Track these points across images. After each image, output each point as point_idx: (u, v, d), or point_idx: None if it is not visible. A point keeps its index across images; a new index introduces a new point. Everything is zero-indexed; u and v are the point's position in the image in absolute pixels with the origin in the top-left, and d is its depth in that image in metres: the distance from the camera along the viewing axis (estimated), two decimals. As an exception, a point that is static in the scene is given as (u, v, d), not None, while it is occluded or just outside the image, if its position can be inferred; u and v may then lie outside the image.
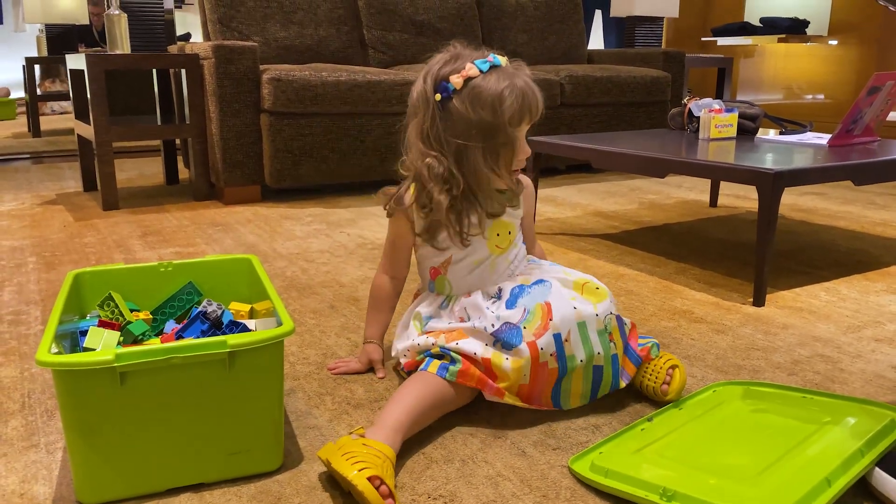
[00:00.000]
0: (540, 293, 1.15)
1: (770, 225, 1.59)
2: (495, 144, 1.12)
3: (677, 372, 1.17)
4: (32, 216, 2.60)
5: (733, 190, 3.04)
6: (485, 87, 1.10)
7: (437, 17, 3.56)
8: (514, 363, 1.09)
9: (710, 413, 1.12)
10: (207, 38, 3.09)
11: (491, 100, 1.09)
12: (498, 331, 1.11)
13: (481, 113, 1.10)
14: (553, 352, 1.10)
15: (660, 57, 3.72)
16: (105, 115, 2.60)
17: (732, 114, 2.21)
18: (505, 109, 1.10)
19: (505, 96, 1.10)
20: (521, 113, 1.11)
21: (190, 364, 0.91)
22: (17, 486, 0.97)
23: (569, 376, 1.13)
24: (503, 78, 1.11)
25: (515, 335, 1.10)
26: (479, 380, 1.10)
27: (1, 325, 1.55)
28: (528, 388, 1.11)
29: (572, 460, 1.01)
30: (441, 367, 1.10)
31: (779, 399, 1.15)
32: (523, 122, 1.13)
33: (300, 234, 2.32)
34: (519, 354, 1.09)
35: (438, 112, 1.12)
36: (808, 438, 1.00)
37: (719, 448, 1.02)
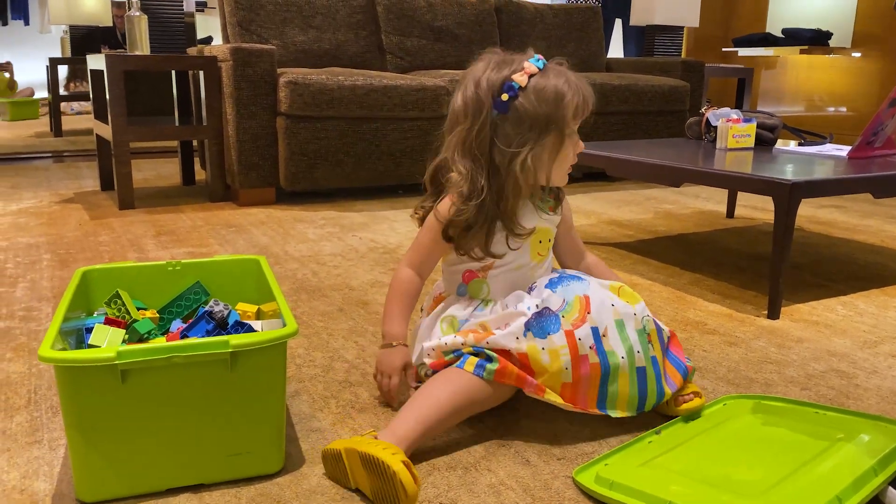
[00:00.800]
0: (579, 287, 1.13)
1: (786, 236, 1.56)
2: (559, 138, 1.12)
3: (698, 399, 1.15)
4: (50, 214, 2.62)
5: (751, 201, 3.01)
6: (546, 83, 1.10)
7: (455, 23, 3.56)
8: (552, 354, 1.06)
9: (719, 426, 1.10)
10: (227, 41, 3.10)
11: (554, 94, 1.10)
12: (537, 314, 1.08)
13: (545, 107, 1.09)
14: (592, 344, 1.07)
15: (679, 66, 3.70)
16: (123, 115, 2.62)
17: (750, 124, 2.18)
18: (567, 103, 1.10)
19: (565, 90, 1.11)
20: (581, 107, 1.12)
21: (191, 363, 0.90)
22: (18, 481, 0.97)
23: (613, 376, 1.07)
24: (558, 74, 1.12)
25: (553, 322, 1.07)
26: (518, 377, 1.07)
27: (12, 320, 1.56)
28: (572, 387, 1.06)
29: (577, 471, 0.99)
30: (478, 364, 1.07)
31: (790, 414, 1.13)
32: (582, 114, 1.14)
33: (313, 237, 2.32)
34: (554, 343, 1.06)
35: (493, 117, 1.09)
36: (819, 455, 0.98)
37: (728, 462, 1.00)
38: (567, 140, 1.13)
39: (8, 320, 1.56)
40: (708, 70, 4.10)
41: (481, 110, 1.10)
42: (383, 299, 1.70)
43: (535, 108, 1.09)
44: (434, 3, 3.55)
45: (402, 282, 1.21)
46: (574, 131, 1.15)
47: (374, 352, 1.40)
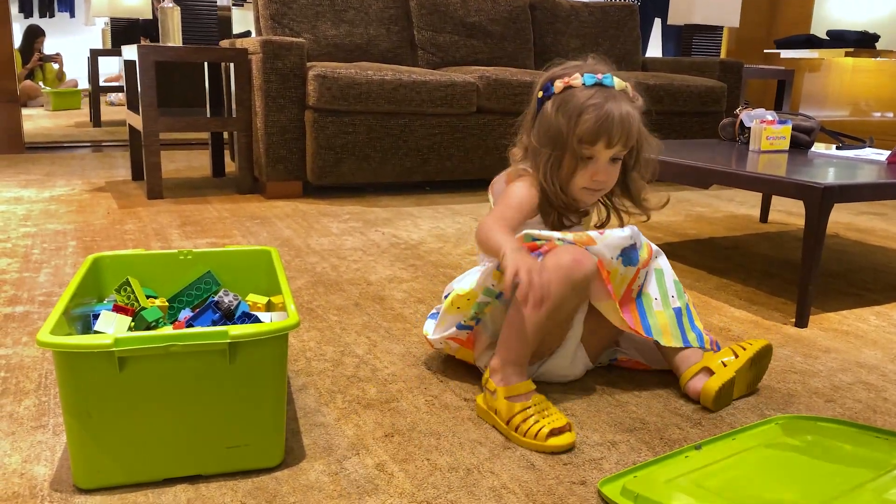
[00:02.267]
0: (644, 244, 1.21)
1: (817, 242, 1.50)
2: (561, 155, 1.13)
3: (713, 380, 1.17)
4: (80, 202, 2.66)
5: (786, 206, 2.93)
6: (575, 98, 1.11)
7: (488, 19, 3.53)
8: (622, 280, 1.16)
9: (765, 446, 1.04)
10: (259, 34, 3.12)
11: (573, 109, 1.10)
12: (632, 246, 1.15)
13: (561, 119, 1.11)
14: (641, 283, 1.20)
15: (716, 66, 3.61)
16: (154, 105, 2.64)
17: (786, 126, 2.11)
18: (580, 123, 1.10)
19: (586, 111, 1.10)
20: (595, 132, 1.10)
21: (190, 353, 0.89)
22: (19, 465, 0.97)
23: (650, 311, 1.18)
24: (599, 96, 1.10)
25: (636, 258, 1.17)
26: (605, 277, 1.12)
27: (32, 305, 1.57)
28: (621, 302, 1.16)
29: (603, 482, 0.95)
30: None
31: (850, 438, 1.06)
32: (598, 142, 1.11)
33: (336, 231, 2.31)
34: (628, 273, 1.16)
35: (535, 110, 1.18)
36: (872, 481, 0.92)
37: (767, 483, 0.94)
38: (571, 161, 1.14)
39: (28, 305, 1.57)
40: (746, 71, 4.00)
41: (531, 102, 1.19)
42: (400, 295, 1.69)
43: (551, 117, 1.12)
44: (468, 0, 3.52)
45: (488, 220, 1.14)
46: (586, 155, 1.13)
47: (386, 347, 1.39)
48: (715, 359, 1.18)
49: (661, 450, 1.05)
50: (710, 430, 1.11)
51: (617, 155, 1.15)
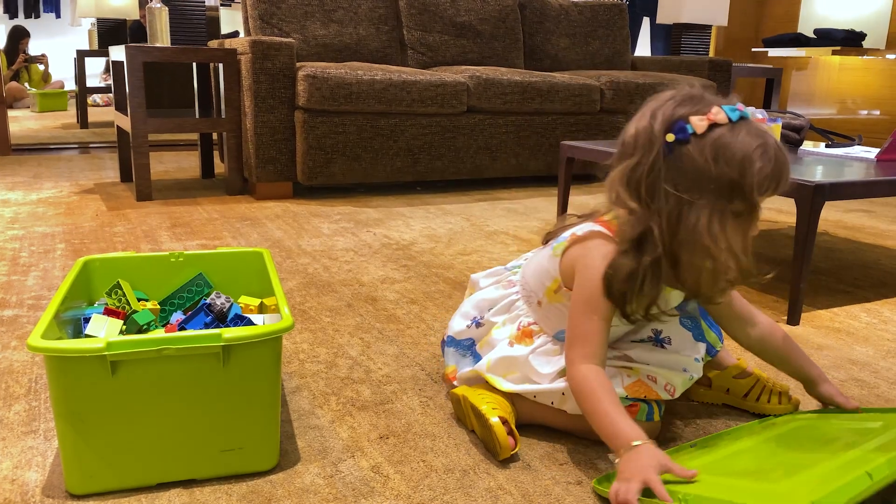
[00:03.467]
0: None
1: (808, 239, 1.51)
2: (730, 209, 0.91)
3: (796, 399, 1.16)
4: (68, 204, 2.64)
5: (776, 203, 2.94)
6: (734, 141, 0.90)
7: (478, 18, 3.53)
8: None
9: (759, 435, 1.04)
10: (248, 35, 3.10)
11: (741, 157, 0.89)
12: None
13: (725, 169, 0.89)
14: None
15: (705, 65, 3.63)
16: (142, 106, 2.62)
17: (776, 124, 2.12)
18: (755, 172, 0.89)
19: (756, 157, 0.89)
20: (772, 180, 0.90)
21: (183, 356, 0.88)
22: (10, 471, 0.96)
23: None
24: (755, 135, 0.91)
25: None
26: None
27: (21, 308, 1.56)
28: None
29: (598, 481, 0.95)
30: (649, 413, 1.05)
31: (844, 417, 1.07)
32: (770, 191, 0.92)
33: (327, 232, 2.30)
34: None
35: (664, 157, 0.92)
36: (856, 442, 0.92)
37: (756, 458, 0.95)
38: (741, 218, 0.92)
39: (17, 308, 1.56)
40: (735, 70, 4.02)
41: (653, 145, 0.92)
42: (392, 296, 1.68)
43: (707, 166, 0.90)
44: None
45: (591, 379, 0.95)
46: (757, 208, 0.93)
47: (379, 348, 1.38)
48: None
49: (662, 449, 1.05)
50: (704, 430, 1.11)
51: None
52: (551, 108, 3.13)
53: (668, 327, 1.08)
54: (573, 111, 3.19)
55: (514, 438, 1.01)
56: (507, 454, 1.00)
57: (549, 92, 3.09)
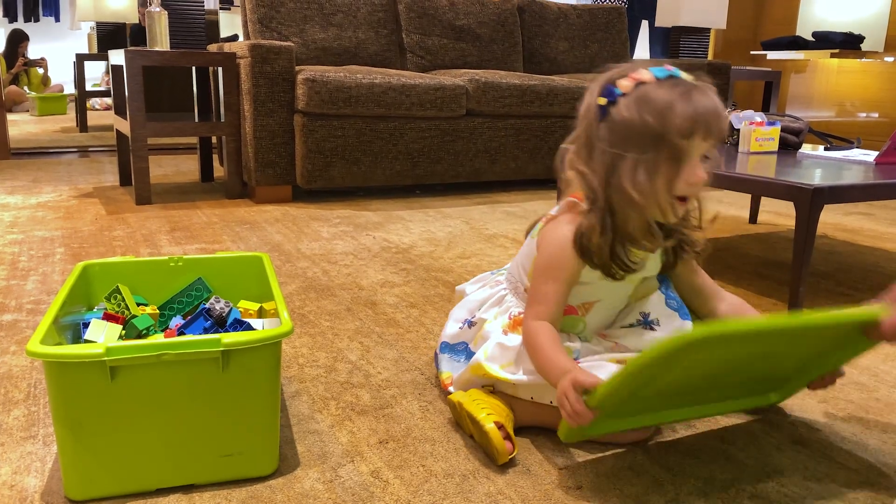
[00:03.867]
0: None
1: (808, 243, 1.51)
2: (657, 158, 0.96)
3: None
4: (67, 208, 2.64)
5: (775, 207, 2.94)
6: (655, 92, 0.95)
7: (477, 22, 3.53)
8: None
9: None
10: (248, 38, 3.11)
11: (661, 105, 0.94)
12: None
13: (647, 118, 0.94)
14: None
15: (704, 68, 3.63)
16: (142, 110, 2.63)
17: (774, 127, 2.12)
18: (675, 116, 0.93)
19: (676, 103, 0.93)
20: (693, 123, 0.94)
21: (183, 361, 0.88)
22: (9, 476, 0.96)
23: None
24: (679, 86, 0.95)
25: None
26: None
27: (20, 313, 1.55)
28: None
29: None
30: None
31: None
32: (695, 135, 0.94)
33: (326, 236, 2.30)
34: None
35: (599, 120, 1.00)
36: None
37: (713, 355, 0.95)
38: (669, 163, 0.96)
39: (16, 313, 1.55)
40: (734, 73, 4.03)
41: (590, 112, 1.02)
42: (392, 300, 1.68)
43: (631, 117, 0.96)
44: (456, 2, 3.52)
45: (535, 332, 1.03)
46: (685, 152, 0.96)
47: (379, 352, 1.38)
48: None
49: (655, 452, 1.05)
50: (703, 433, 1.11)
51: (708, 153, 0.99)
52: (550, 112, 3.14)
53: (654, 309, 1.11)
54: (572, 114, 3.18)
55: (511, 443, 1.01)
56: (504, 459, 1.00)
57: (547, 95, 3.09)
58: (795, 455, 1.06)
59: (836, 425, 1.15)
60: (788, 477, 1.00)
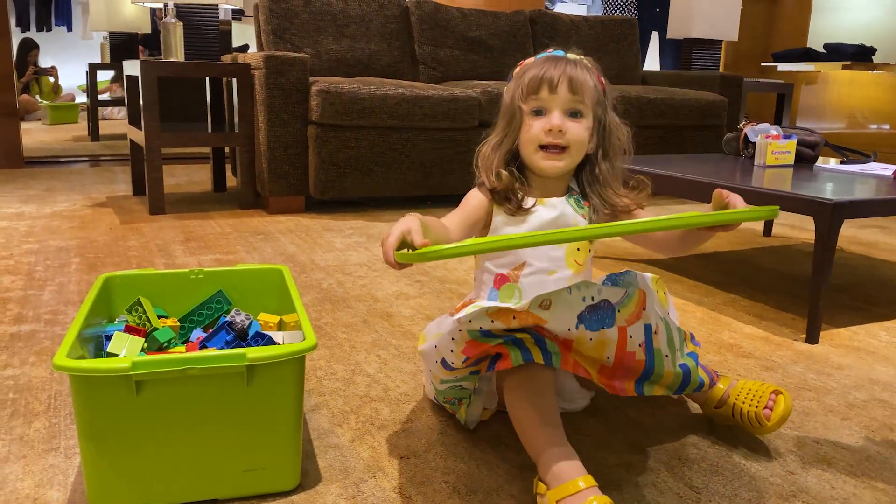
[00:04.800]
0: (639, 280, 1.05)
1: (827, 257, 1.50)
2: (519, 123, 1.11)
3: (781, 398, 1.10)
4: (81, 217, 2.65)
5: (790, 220, 2.93)
6: (525, 67, 1.11)
7: (489, 33, 3.54)
8: (599, 344, 0.97)
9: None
10: (261, 49, 3.12)
11: (520, 74, 1.11)
12: (591, 307, 0.96)
13: (510, 87, 1.13)
14: (642, 342, 0.98)
15: (717, 80, 3.63)
16: (156, 120, 2.64)
17: (791, 140, 2.12)
18: (525, 79, 1.09)
19: (530, 67, 1.10)
20: (538, 80, 1.08)
21: (208, 376, 0.88)
22: (32, 490, 0.95)
23: (658, 374, 1.01)
24: (550, 63, 1.09)
25: (609, 316, 0.96)
26: (574, 364, 0.98)
27: (38, 324, 1.56)
28: (610, 370, 0.99)
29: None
30: (545, 355, 0.96)
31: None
32: (541, 89, 1.08)
33: (340, 247, 2.30)
34: (605, 336, 0.96)
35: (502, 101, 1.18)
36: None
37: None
38: (525, 117, 1.10)
39: (34, 324, 1.56)
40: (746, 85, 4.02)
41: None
42: (408, 312, 1.68)
43: (504, 93, 1.15)
44: (468, 14, 3.53)
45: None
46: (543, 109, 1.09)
47: (396, 365, 1.38)
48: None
49: (679, 470, 1.04)
50: (727, 450, 1.10)
51: (572, 108, 1.08)
52: (563, 123, 3.13)
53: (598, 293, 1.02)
54: (584, 126, 3.19)
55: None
56: None
57: (560, 107, 3.09)
58: (821, 474, 1.05)
59: (862, 443, 1.14)
60: (814, 496, 0.99)
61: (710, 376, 1.14)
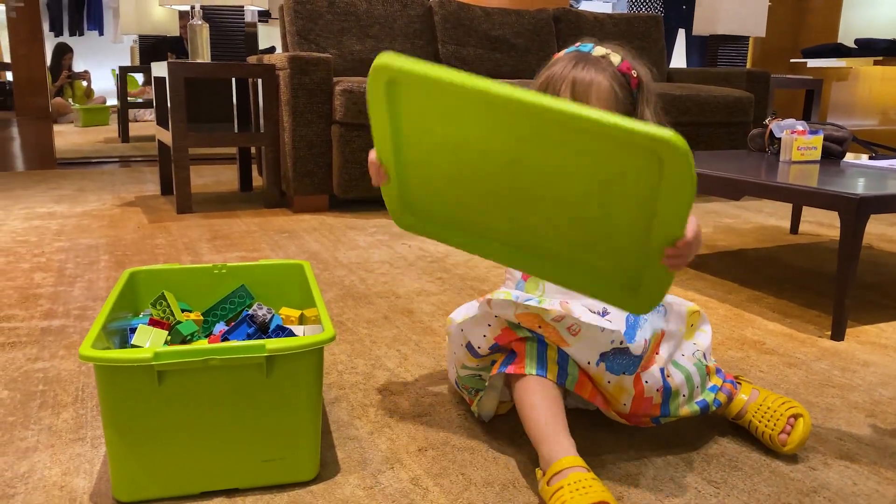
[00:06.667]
0: (656, 320, 1.06)
1: (853, 253, 1.48)
2: None
3: (801, 422, 1.06)
4: (111, 216, 2.70)
5: (817, 217, 2.89)
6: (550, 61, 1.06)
7: (512, 32, 3.54)
8: (616, 388, 1.02)
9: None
10: (286, 50, 3.15)
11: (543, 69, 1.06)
12: (616, 350, 1.00)
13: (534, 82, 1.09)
14: (660, 386, 1.03)
15: (743, 77, 3.59)
16: (183, 121, 2.68)
17: (817, 136, 2.09)
18: (539, 78, 1.06)
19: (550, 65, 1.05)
20: (544, 87, 1.04)
21: (228, 367, 0.90)
22: (59, 478, 0.98)
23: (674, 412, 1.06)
24: (564, 59, 1.03)
25: (631, 365, 1.01)
26: (592, 393, 1.02)
27: (67, 318, 1.59)
28: (627, 415, 1.06)
29: None
30: (560, 374, 1.00)
31: None
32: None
33: (363, 244, 2.32)
34: (623, 383, 1.01)
35: None
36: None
37: None
38: None
39: (64, 318, 1.59)
40: (774, 81, 3.97)
41: None
42: (428, 308, 1.69)
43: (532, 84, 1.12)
44: (491, 13, 3.53)
45: None
46: None
47: (416, 360, 1.39)
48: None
49: (697, 464, 1.04)
50: (746, 444, 1.09)
51: None
52: (586, 121, 3.12)
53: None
54: (608, 124, 3.18)
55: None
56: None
57: (584, 104, 3.08)
58: (843, 470, 1.03)
59: (885, 440, 1.12)
60: (835, 491, 0.98)
61: (729, 394, 1.11)
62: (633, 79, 1.05)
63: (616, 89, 1.03)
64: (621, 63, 1.04)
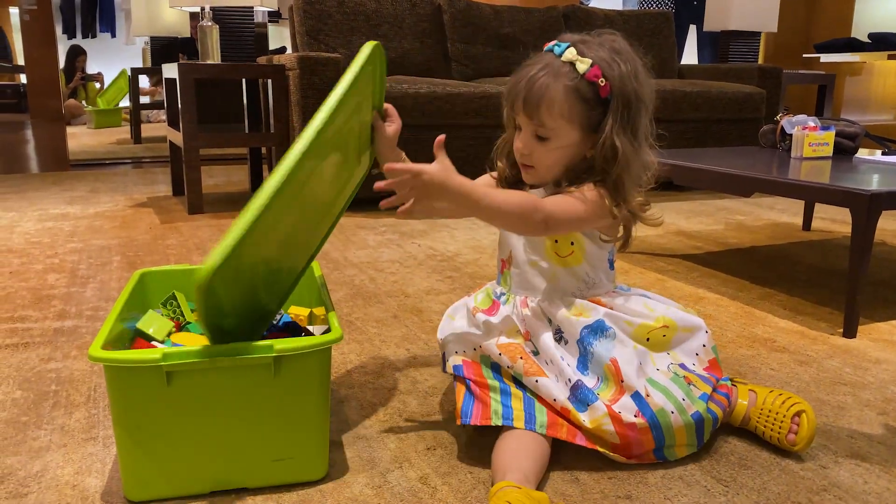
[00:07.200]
0: (605, 349, 1.03)
1: (865, 249, 1.47)
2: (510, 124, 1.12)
3: (804, 418, 1.05)
4: (123, 217, 2.72)
5: (830, 213, 2.86)
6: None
7: (521, 30, 3.53)
8: (594, 421, 0.99)
9: None
10: (296, 51, 3.16)
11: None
12: (575, 386, 1.02)
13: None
14: (637, 411, 1.00)
15: (755, 72, 3.57)
16: (194, 122, 2.69)
17: (829, 132, 2.07)
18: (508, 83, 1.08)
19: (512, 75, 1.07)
20: (507, 96, 1.07)
21: (236, 367, 0.90)
22: (71, 477, 0.99)
23: (668, 431, 1.00)
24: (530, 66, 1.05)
25: (590, 395, 1.01)
26: (570, 431, 1.01)
27: (80, 319, 1.61)
28: (622, 447, 1.01)
29: None
30: (527, 420, 1.01)
31: None
32: (509, 106, 1.08)
33: (372, 244, 2.32)
34: (596, 412, 0.99)
35: None
36: None
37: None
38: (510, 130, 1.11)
39: (76, 319, 1.61)
40: (786, 77, 3.94)
41: None
42: (438, 307, 1.69)
43: None
44: (500, 10, 3.53)
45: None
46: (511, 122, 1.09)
47: (425, 359, 1.39)
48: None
49: (706, 463, 1.03)
50: (756, 443, 1.09)
51: (534, 131, 1.04)
52: (596, 118, 3.11)
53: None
54: (619, 121, 3.17)
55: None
56: None
57: (594, 102, 3.07)
58: (854, 468, 1.03)
59: (897, 438, 1.11)
60: (845, 490, 0.97)
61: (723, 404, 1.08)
62: (603, 87, 1.01)
63: (574, 100, 1.01)
64: (589, 70, 1.01)
